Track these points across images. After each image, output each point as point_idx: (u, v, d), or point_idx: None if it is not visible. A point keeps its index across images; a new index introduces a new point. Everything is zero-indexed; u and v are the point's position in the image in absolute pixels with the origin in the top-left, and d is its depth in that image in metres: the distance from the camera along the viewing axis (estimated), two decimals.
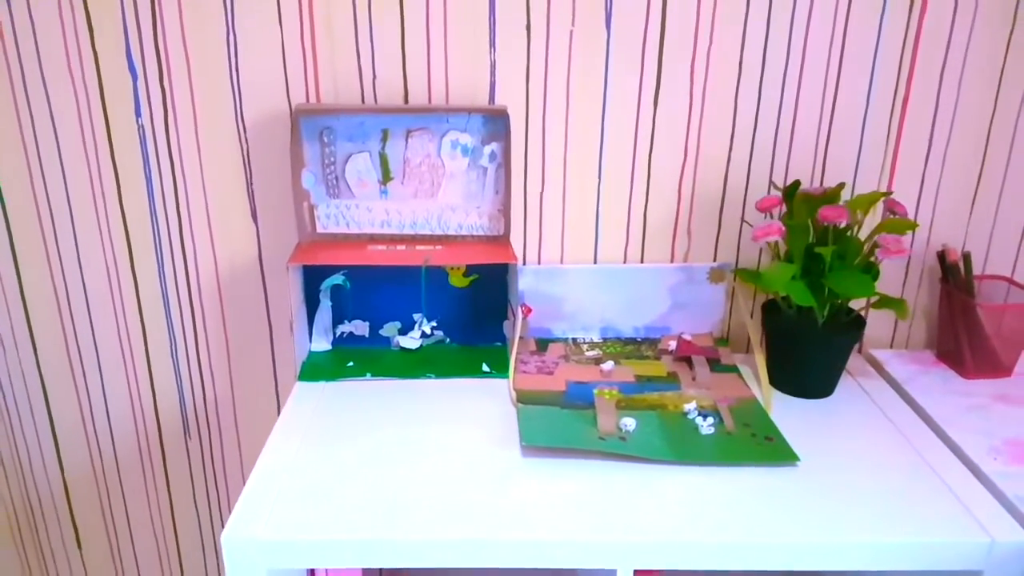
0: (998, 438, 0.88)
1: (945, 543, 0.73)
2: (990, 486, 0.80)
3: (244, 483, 1.19)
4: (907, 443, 0.88)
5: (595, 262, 1.07)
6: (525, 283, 1.07)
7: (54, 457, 1.19)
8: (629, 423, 0.89)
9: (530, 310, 1.09)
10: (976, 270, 1.06)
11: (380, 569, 1.11)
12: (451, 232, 1.03)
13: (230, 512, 1.21)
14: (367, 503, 0.77)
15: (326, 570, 0.88)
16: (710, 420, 0.90)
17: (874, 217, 1.01)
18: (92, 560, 1.26)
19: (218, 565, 1.26)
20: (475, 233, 1.03)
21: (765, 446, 0.85)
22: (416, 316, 1.08)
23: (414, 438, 0.88)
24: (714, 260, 1.07)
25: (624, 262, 1.08)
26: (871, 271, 0.90)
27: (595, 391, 0.96)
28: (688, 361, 1.04)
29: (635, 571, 0.75)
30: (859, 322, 0.96)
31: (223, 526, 1.22)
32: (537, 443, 0.85)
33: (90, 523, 1.23)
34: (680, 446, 0.85)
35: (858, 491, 0.80)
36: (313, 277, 1.04)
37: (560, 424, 0.89)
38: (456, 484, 0.80)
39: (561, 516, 0.76)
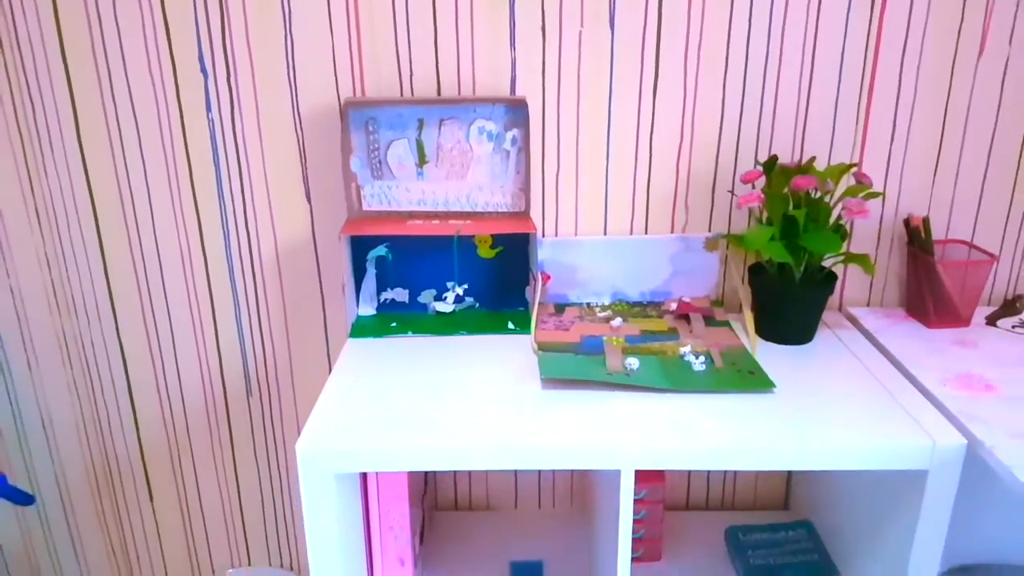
0: (951, 373, 1.02)
1: (897, 445, 0.87)
2: (938, 405, 0.95)
3: (299, 434, 1.35)
4: (871, 376, 1.02)
5: (605, 234, 1.23)
6: (543, 254, 1.23)
7: (131, 417, 1.35)
8: (633, 363, 1.04)
9: (548, 277, 1.24)
10: (939, 235, 1.20)
11: (425, 475, 1.26)
12: (479, 209, 1.19)
13: (287, 464, 1.37)
14: (411, 421, 0.93)
15: (376, 474, 1.04)
16: (702, 359, 1.04)
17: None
18: (163, 511, 1.42)
19: (276, 515, 1.42)
20: (500, 209, 1.19)
21: (748, 378, 1.00)
22: (449, 284, 1.24)
23: (449, 377, 1.04)
24: (709, 230, 1.22)
25: (631, 233, 1.23)
26: (839, 231, 1.05)
27: (604, 339, 1.11)
28: (687, 318, 1.19)
29: (636, 471, 0.90)
30: (831, 277, 1.10)
31: (282, 477, 1.39)
32: (554, 375, 1.00)
33: (161, 477, 1.39)
34: (676, 378, 1.00)
35: (825, 410, 0.94)
36: (360, 249, 1.20)
37: (574, 364, 1.04)
38: (485, 407, 0.96)
39: (573, 429, 0.91)
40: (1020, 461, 0.83)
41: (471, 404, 0.97)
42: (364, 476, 1.07)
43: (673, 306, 1.22)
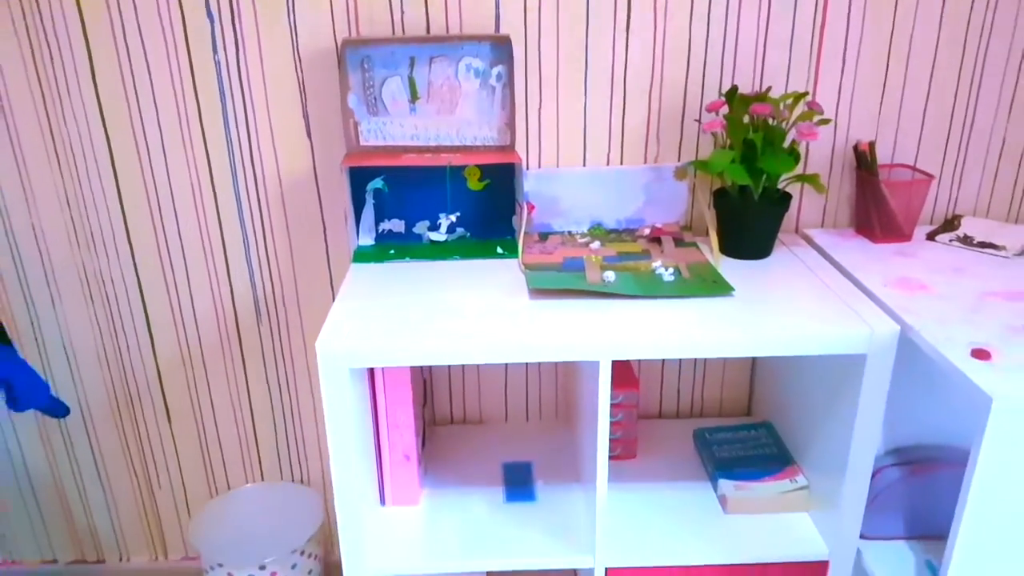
0: (891, 277, 1.15)
1: (839, 333, 1.01)
2: (878, 302, 1.08)
3: (307, 360, 1.47)
4: (820, 282, 1.15)
5: (584, 165, 1.34)
6: (528, 185, 1.34)
7: (148, 345, 1.46)
8: (610, 276, 1.16)
9: (533, 207, 1.36)
10: (885, 161, 1.32)
11: (424, 387, 1.39)
12: (468, 143, 1.30)
13: (296, 386, 1.49)
14: (412, 326, 1.05)
15: (383, 373, 1.16)
16: (671, 271, 1.17)
17: None
18: (180, 432, 1.53)
19: (287, 434, 1.54)
20: (487, 143, 1.30)
21: (710, 285, 1.13)
22: (442, 215, 1.35)
23: (445, 294, 1.16)
24: (678, 161, 1.34)
25: (607, 164, 1.34)
26: (793, 154, 1.17)
27: (585, 258, 1.23)
28: (658, 241, 1.31)
29: (612, 361, 1.02)
30: (786, 197, 1.23)
31: (291, 398, 1.51)
32: (539, 286, 1.12)
33: (178, 400, 1.51)
34: (648, 287, 1.13)
35: (778, 307, 1.07)
36: (358, 182, 1.31)
37: (558, 278, 1.16)
38: (478, 314, 1.08)
39: (557, 328, 1.03)
40: (944, 340, 0.96)
41: (466, 313, 1.09)
42: (372, 376, 1.20)
43: (646, 231, 1.34)
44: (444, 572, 1.20)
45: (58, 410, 1.18)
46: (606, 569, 1.18)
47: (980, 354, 0.93)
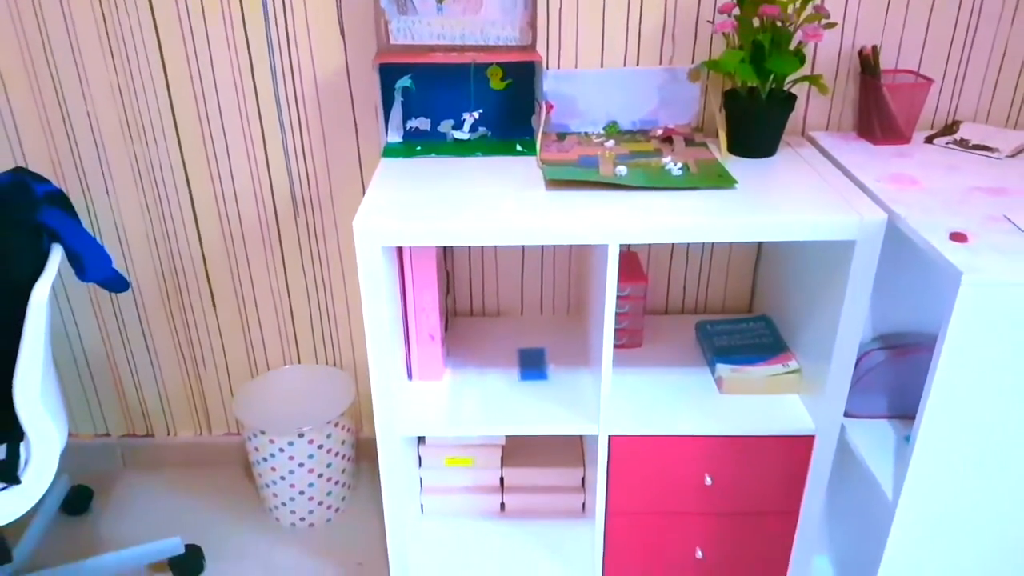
0: (885, 173, 1.23)
1: (832, 220, 1.10)
2: (870, 194, 1.17)
3: (340, 251, 1.58)
4: (819, 177, 1.24)
5: (601, 66, 1.41)
6: (547, 85, 1.41)
7: (195, 232, 1.58)
8: (622, 169, 1.25)
9: (552, 106, 1.44)
10: (889, 66, 1.38)
11: (447, 278, 1.50)
12: (491, 42, 1.37)
13: (330, 275, 1.60)
14: (438, 212, 1.15)
15: (411, 254, 1.28)
16: (679, 166, 1.26)
17: None
18: (224, 315, 1.67)
19: (322, 319, 1.66)
20: (509, 43, 1.37)
21: (715, 178, 1.22)
22: (465, 113, 1.43)
23: (468, 186, 1.25)
24: (692, 63, 1.41)
25: (624, 66, 1.41)
26: (799, 56, 1.23)
27: (599, 155, 1.32)
28: (670, 141, 1.39)
29: (621, 255, 1.12)
30: (792, 97, 1.30)
31: (325, 286, 1.62)
32: (555, 177, 1.22)
33: (222, 286, 1.63)
34: (657, 180, 1.22)
35: (777, 198, 1.16)
36: (388, 80, 1.39)
37: (573, 171, 1.25)
38: (498, 203, 1.18)
39: (570, 215, 1.13)
40: (926, 226, 1.05)
41: (486, 201, 1.19)
42: (401, 261, 1.31)
43: (659, 132, 1.42)
44: (466, 436, 1.34)
45: (119, 283, 1.30)
46: (609, 436, 1.31)
47: (957, 237, 1.01)
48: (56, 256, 1.21)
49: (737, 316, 1.56)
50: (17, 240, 1.16)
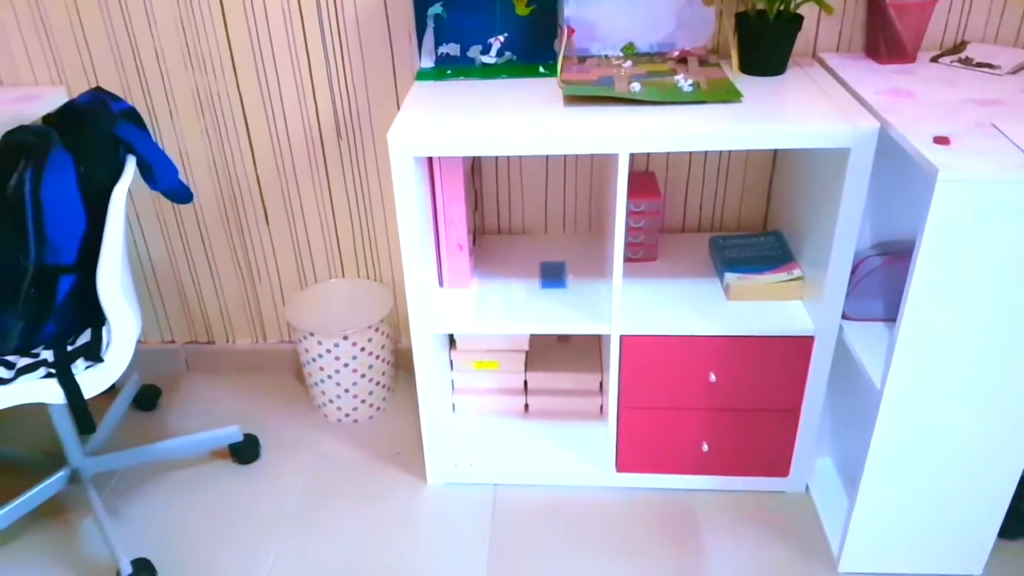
0: (885, 88, 1.30)
1: (828, 129, 1.19)
2: (866, 105, 1.25)
3: (379, 171, 1.72)
4: (821, 92, 1.32)
5: None
6: (569, 10, 1.51)
7: (249, 155, 1.73)
8: (636, 86, 1.35)
9: (573, 31, 1.53)
10: None
11: (475, 196, 1.62)
12: None
13: (369, 194, 1.74)
14: (465, 125, 1.27)
15: (440, 165, 1.41)
16: (690, 83, 1.35)
17: None
18: (276, 232, 1.83)
19: (363, 237, 1.81)
20: None
21: (723, 93, 1.31)
22: (492, 40, 1.54)
23: (493, 103, 1.37)
24: None
25: None
26: None
27: (615, 75, 1.42)
28: (685, 62, 1.48)
29: (630, 153, 1.23)
30: (798, 18, 1.37)
31: (367, 204, 1.76)
32: (573, 93, 1.33)
33: (275, 206, 1.79)
34: (668, 94, 1.31)
35: (778, 111, 1.25)
36: (421, 8, 1.50)
37: (590, 88, 1.36)
38: (520, 116, 1.29)
39: (584, 125, 1.24)
40: (914, 132, 1.13)
41: (509, 117, 1.30)
42: (431, 173, 1.44)
43: (675, 54, 1.51)
44: (491, 334, 1.47)
45: (185, 194, 1.46)
46: (621, 336, 1.43)
47: (941, 140, 1.09)
48: (131, 165, 1.37)
49: (750, 232, 1.65)
50: (99, 150, 1.32)
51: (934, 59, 1.42)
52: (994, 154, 1.06)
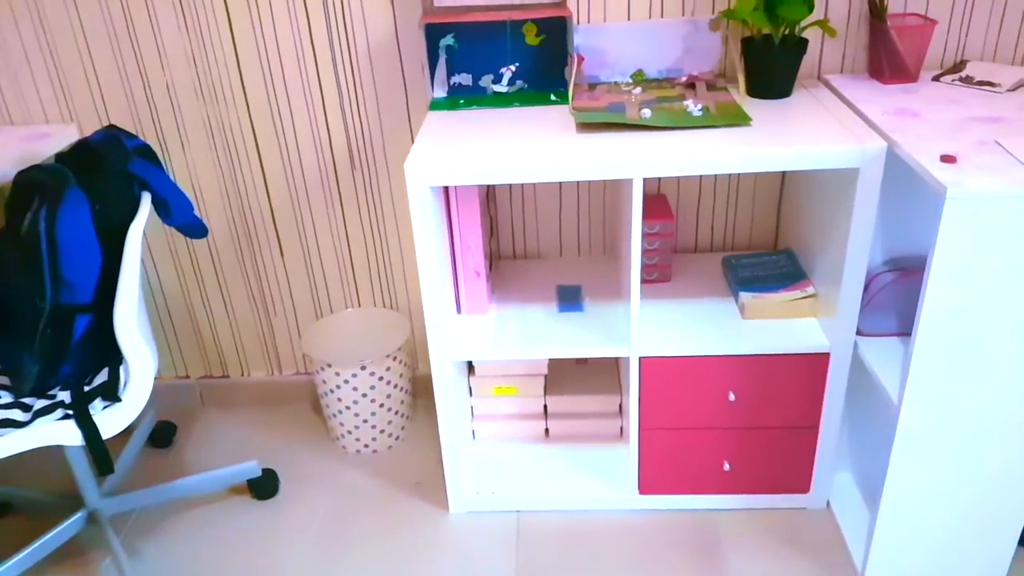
0: (890, 108, 1.33)
1: (837, 150, 1.21)
2: (873, 126, 1.27)
3: (394, 201, 1.74)
4: (828, 113, 1.35)
5: (628, 19, 1.53)
6: (578, 39, 1.54)
7: (263, 185, 1.75)
8: (647, 112, 1.37)
9: (583, 59, 1.56)
10: (898, 10, 1.47)
11: (491, 221, 1.64)
12: (526, 1, 1.50)
13: (384, 223, 1.76)
14: (480, 154, 1.30)
15: (456, 194, 1.43)
16: (700, 107, 1.38)
17: None
18: (290, 262, 1.84)
19: (379, 266, 1.83)
20: (542, 1, 1.50)
21: (732, 117, 1.33)
22: (503, 69, 1.56)
23: (507, 132, 1.39)
24: (712, 13, 1.52)
25: (649, 18, 1.53)
26: (808, 2, 1.34)
27: (626, 101, 1.45)
28: (693, 86, 1.51)
29: (650, 195, 1.25)
30: (803, 42, 1.41)
31: (381, 234, 1.78)
32: (586, 120, 1.35)
33: (289, 235, 1.80)
34: (678, 119, 1.34)
35: (787, 134, 1.28)
36: (433, 40, 1.53)
37: (602, 115, 1.38)
38: (534, 143, 1.32)
39: (599, 152, 1.26)
40: (921, 151, 1.15)
41: (525, 144, 1.32)
42: (448, 201, 1.46)
43: (683, 79, 1.54)
44: (511, 359, 1.49)
45: (200, 228, 1.47)
46: (640, 358, 1.45)
47: (947, 159, 1.12)
48: (146, 201, 1.38)
49: (761, 251, 1.67)
50: (115, 187, 1.34)
51: (936, 78, 1.46)
52: (999, 171, 1.09)
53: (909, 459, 1.27)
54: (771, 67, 1.41)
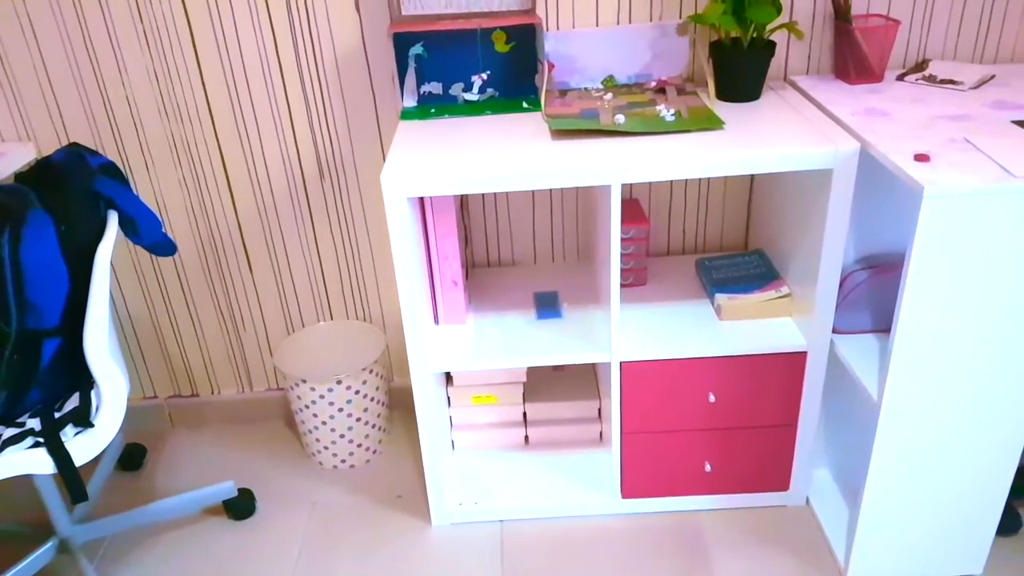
0: (859, 108, 1.35)
1: (810, 152, 1.23)
2: (844, 127, 1.29)
3: (364, 212, 1.71)
4: (799, 115, 1.36)
5: (597, 26, 1.53)
6: (548, 46, 1.54)
7: (229, 201, 1.71)
8: (620, 118, 1.37)
9: (553, 66, 1.56)
10: (861, 11, 1.50)
11: (465, 232, 1.63)
12: (495, 8, 1.49)
13: (355, 234, 1.73)
14: (454, 163, 1.28)
15: (431, 205, 1.41)
16: (672, 112, 1.38)
17: None
18: (260, 278, 1.80)
19: (351, 278, 1.80)
20: (511, 8, 1.49)
21: (705, 121, 1.34)
22: (474, 77, 1.55)
23: (480, 141, 1.38)
24: (679, 19, 1.53)
25: (617, 24, 1.53)
26: (776, 5, 1.35)
27: (598, 107, 1.45)
28: (663, 91, 1.52)
29: (624, 200, 1.25)
30: (771, 44, 1.42)
31: (352, 245, 1.75)
32: (560, 127, 1.35)
33: (257, 250, 1.77)
34: (652, 125, 1.34)
35: (760, 136, 1.29)
36: (402, 49, 1.51)
37: (576, 122, 1.38)
38: (508, 151, 1.31)
39: (575, 159, 1.26)
40: (894, 151, 1.17)
41: (501, 152, 1.31)
42: (423, 212, 1.44)
43: (653, 84, 1.55)
44: (490, 369, 1.48)
45: (169, 246, 1.43)
46: (621, 363, 1.45)
47: (921, 158, 1.14)
48: (113, 221, 1.34)
49: (733, 252, 1.69)
50: (79, 207, 1.29)
51: (900, 77, 1.48)
52: (972, 168, 1.11)
53: (890, 454, 1.29)
54: (740, 70, 1.42)
